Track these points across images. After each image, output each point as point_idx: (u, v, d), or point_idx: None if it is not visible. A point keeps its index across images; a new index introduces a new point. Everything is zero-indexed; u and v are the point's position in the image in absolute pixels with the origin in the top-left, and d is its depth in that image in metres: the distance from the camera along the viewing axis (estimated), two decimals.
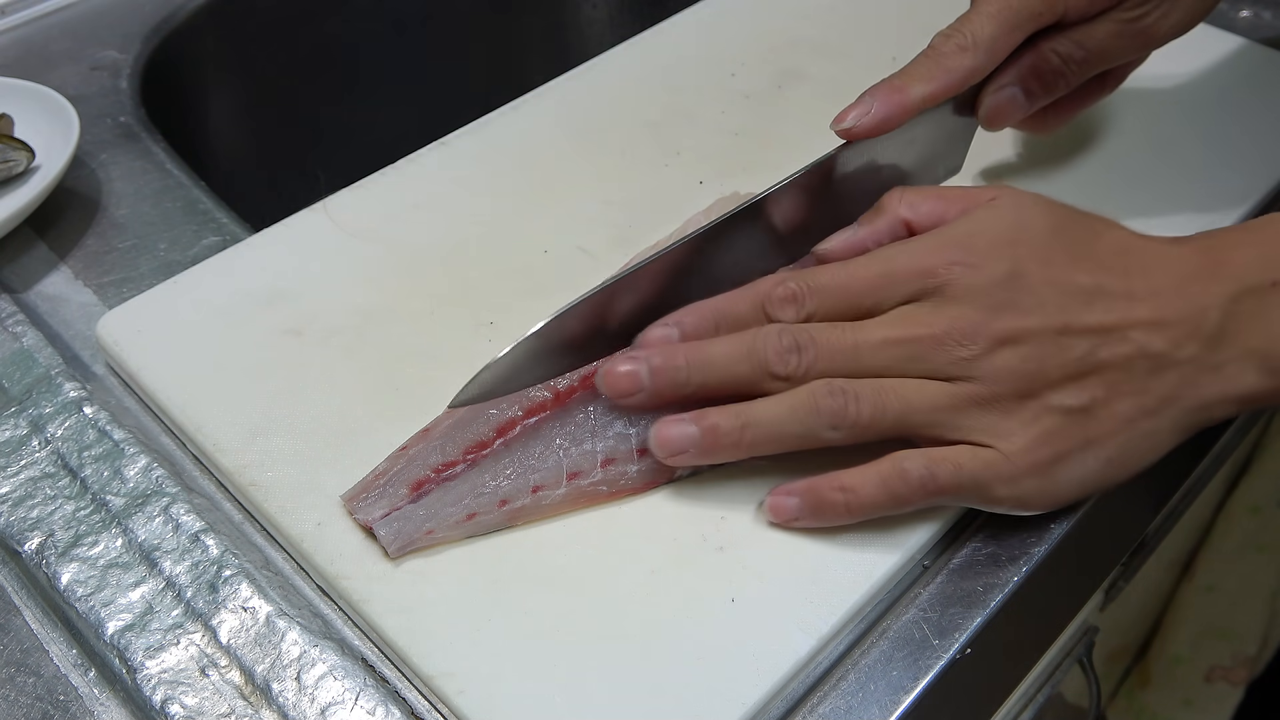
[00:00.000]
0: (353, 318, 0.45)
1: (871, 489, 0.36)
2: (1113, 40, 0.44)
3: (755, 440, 0.37)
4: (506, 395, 0.38)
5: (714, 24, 0.61)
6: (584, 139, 0.54)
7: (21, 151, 0.50)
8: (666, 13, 0.63)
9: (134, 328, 0.44)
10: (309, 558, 0.37)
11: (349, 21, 0.74)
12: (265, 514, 0.38)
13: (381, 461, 0.39)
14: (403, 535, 0.37)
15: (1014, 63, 0.43)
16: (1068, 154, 0.52)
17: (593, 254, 0.47)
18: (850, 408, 0.36)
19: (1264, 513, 0.79)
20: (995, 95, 0.44)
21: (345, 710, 0.34)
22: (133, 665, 0.35)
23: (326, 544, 0.37)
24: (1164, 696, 0.91)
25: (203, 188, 0.54)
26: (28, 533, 0.38)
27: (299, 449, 0.40)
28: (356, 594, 0.36)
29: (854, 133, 0.41)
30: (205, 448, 0.40)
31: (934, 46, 0.42)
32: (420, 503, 0.37)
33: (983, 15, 0.42)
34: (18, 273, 0.49)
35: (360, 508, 0.37)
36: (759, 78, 0.57)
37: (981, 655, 0.36)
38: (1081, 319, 0.36)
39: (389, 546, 0.36)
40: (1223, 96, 0.55)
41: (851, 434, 0.36)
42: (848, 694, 0.34)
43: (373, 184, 0.51)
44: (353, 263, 0.47)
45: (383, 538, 0.37)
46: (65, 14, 0.65)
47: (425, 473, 0.38)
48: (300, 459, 0.40)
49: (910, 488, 0.36)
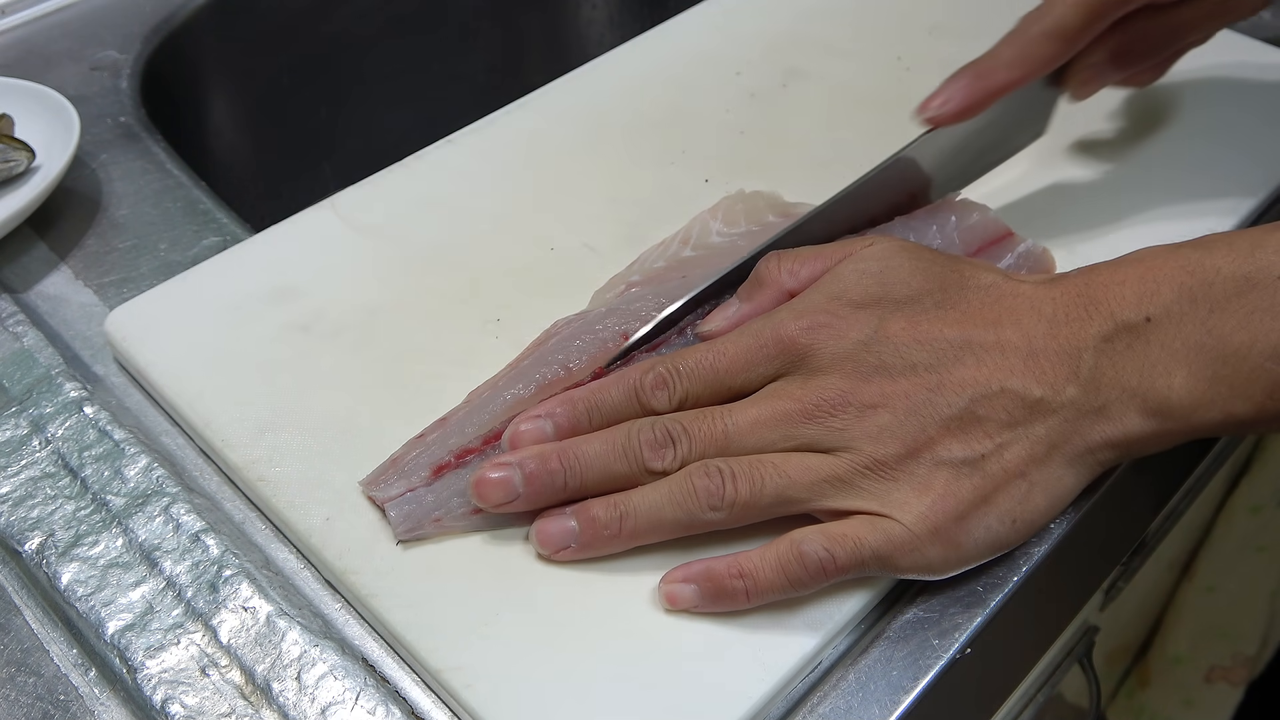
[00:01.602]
0: (360, 314, 0.45)
1: (770, 573, 0.34)
2: (1201, 20, 0.45)
3: (635, 530, 0.36)
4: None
5: (720, 23, 0.61)
6: (590, 137, 0.54)
7: (21, 151, 0.50)
8: (667, 13, 0.63)
9: (142, 323, 0.44)
10: (317, 552, 0.37)
11: (349, 21, 0.74)
12: (273, 509, 0.38)
13: (399, 448, 0.39)
14: (411, 519, 0.37)
15: (1103, 40, 0.43)
16: (1074, 152, 0.52)
17: (599, 251, 0.47)
18: (727, 487, 0.35)
19: (1264, 513, 0.79)
20: (1084, 71, 0.44)
21: (345, 710, 0.34)
22: (133, 665, 0.35)
23: (335, 538, 0.37)
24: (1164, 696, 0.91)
25: (203, 188, 0.54)
26: (28, 532, 0.38)
27: (307, 444, 0.40)
28: (365, 588, 0.36)
29: (939, 119, 0.42)
30: (214, 443, 0.40)
31: (1021, 30, 0.42)
32: (433, 486, 0.37)
33: (1069, 3, 0.42)
34: (18, 273, 0.49)
35: (379, 487, 0.38)
36: (764, 76, 0.57)
37: (981, 655, 0.36)
38: (953, 374, 0.35)
39: (397, 529, 0.37)
40: (1227, 94, 0.55)
41: (733, 514, 0.35)
42: (848, 693, 0.35)
43: (380, 181, 0.52)
44: (360, 259, 0.47)
45: (393, 519, 0.37)
46: (65, 14, 0.65)
47: (445, 456, 0.38)
48: (308, 454, 0.40)
49: (809, 571, 0.34)
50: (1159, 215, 0.48)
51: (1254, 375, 0.34)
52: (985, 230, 0.45)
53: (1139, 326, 0.35)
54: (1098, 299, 0.36)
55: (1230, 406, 0.35)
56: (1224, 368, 0.34)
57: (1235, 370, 0.34)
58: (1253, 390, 0.34)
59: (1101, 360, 0.35)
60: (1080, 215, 0.48)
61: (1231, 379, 0.34)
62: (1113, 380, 0.35)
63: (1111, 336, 0.35)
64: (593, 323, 0.41)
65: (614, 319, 0.41)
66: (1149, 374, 0.35)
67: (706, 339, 0.39)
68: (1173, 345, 0.35)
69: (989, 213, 0.46)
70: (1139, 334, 0.35)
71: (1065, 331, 0.36)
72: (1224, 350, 0.34)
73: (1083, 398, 0.35)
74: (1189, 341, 0.35)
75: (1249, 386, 0.34)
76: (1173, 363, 0.35)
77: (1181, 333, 0.35)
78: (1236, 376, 0.34)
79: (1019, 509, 0.35)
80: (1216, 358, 0.34)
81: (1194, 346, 0.35)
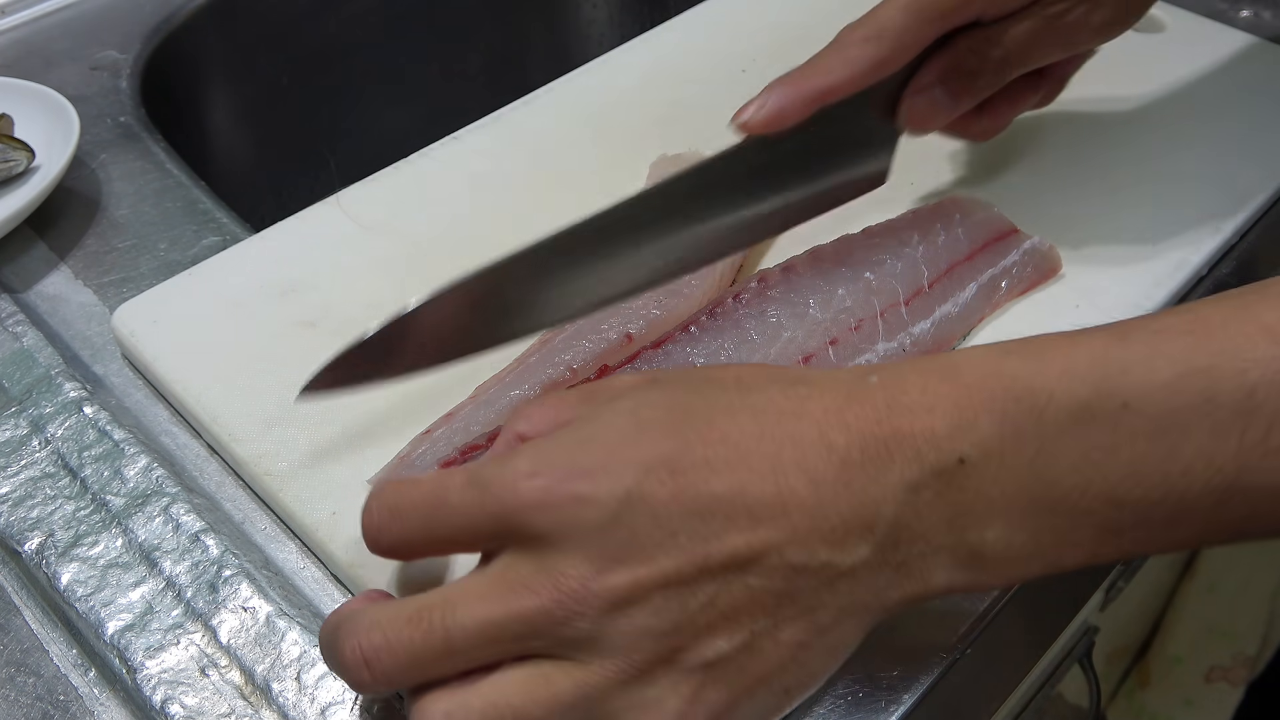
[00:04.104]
0: (366, 310, 0.45)
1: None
2: (1034, 38, 0.41)
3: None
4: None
5: (724, 20, 0.62)
6: (595, 134, 0.54)
7: (21, 151, 0.50)
8: (667, 13, 0.63)
9: (149, 319, 0.45)
10: (323, 546, 0.37)
11: (349, 21, 0.74)
12: (280, 503, 0.39)
13: (406, 446, 0.39)
14: None
15: (933, 62, 0.41)
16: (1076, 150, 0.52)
17: None
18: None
19: None
20: (915, 97, 0.41)
21: (345, 710, 0.34)
22: (133, 665, 0.35)
23: (341, 533, 0.37)
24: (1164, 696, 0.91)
25: (203, 188, 0.54)
26: (28, 533, 0.38)
27: (313, 439, 0.40)
28: (372, 583, 0.36)
29: (750, 126, 0.38)
30: (220, 438, 0.40)
31: (840, 37, 0.39)
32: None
33: (893, 6, 0.39)
34: (18, 273, 0.49)
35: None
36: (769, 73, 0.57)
37: (981, 655, 0.36)
38: (723, 545, 0.28)
39: None
40: (1228, 92, 0.55)
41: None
42: (848, 693, 0.34)
43: (385, 178, 0.52)
44: (366, 255, 0.48)
45: None
46: (65, 14, 0.65)
47: (452, 453, 0.38)
48: (314, 449, 0.40)
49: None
50: (1161, 213, 0.48)
51: (1085, 521, 0.29)
52: (990, 227, 0.45)
53: (950, 471, 0.29)
54: (902, 432, 0.29)
55: (1056, 557, 0.29)
56: (1050, 517, 0.29)
57: (1063, 519, 0.29)
58: (1081, 536, 0.29)
59: (904, 513, 0.29)
60: (1084, 212, 0.48)
61: (1058, 528, 0.29)
62: (916, 534, 0.29)
63: (917, 486, 0.29)
64: (598, 321, 0.41)
65: (618, 318, 0.41)
66: (959, 525, 0.29)
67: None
68: (989, 492, 0.29)
69: (994, 209, 0.46)
70: (950, 479, 0.29)
71: (861, 477, 0.29)
72: (1051, 496, 0.28)
73: (878, 557, 0.29)
74: (1009, 487, 0.29)
75: (1078, 533, 0.29)
76: (989, 512, 0.29)
77: (1001, 477, 0.29)
78: (1064, 525, 0.29)
79: (793, 680, 0.30)
80: (1042, 506, 0.29)
81: (1014, 492, 0.29)
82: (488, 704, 0.28)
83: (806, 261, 0.43)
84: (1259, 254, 0.49)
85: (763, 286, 0.41)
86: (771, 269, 0.42)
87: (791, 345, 0.40)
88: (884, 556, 0.29)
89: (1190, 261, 0.46)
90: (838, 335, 0.41)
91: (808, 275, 0.42)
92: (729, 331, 0.40)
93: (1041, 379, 0.29)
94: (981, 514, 0.29)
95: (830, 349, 0.41)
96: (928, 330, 0.42)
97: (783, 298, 0.41)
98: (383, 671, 0.28)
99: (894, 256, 0.43)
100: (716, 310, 0.41)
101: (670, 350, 0.40)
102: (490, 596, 0.28)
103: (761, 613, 0.29)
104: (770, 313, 0.41)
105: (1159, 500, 0.28)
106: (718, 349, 0.40)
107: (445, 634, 0.28)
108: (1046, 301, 0.45)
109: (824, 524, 0.28)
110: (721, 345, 0.40)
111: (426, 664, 0.28)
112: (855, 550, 0.29)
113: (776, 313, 0.41)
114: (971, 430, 0.29)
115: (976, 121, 0.44)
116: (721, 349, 0.40)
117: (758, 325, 0.40)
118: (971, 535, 0.29)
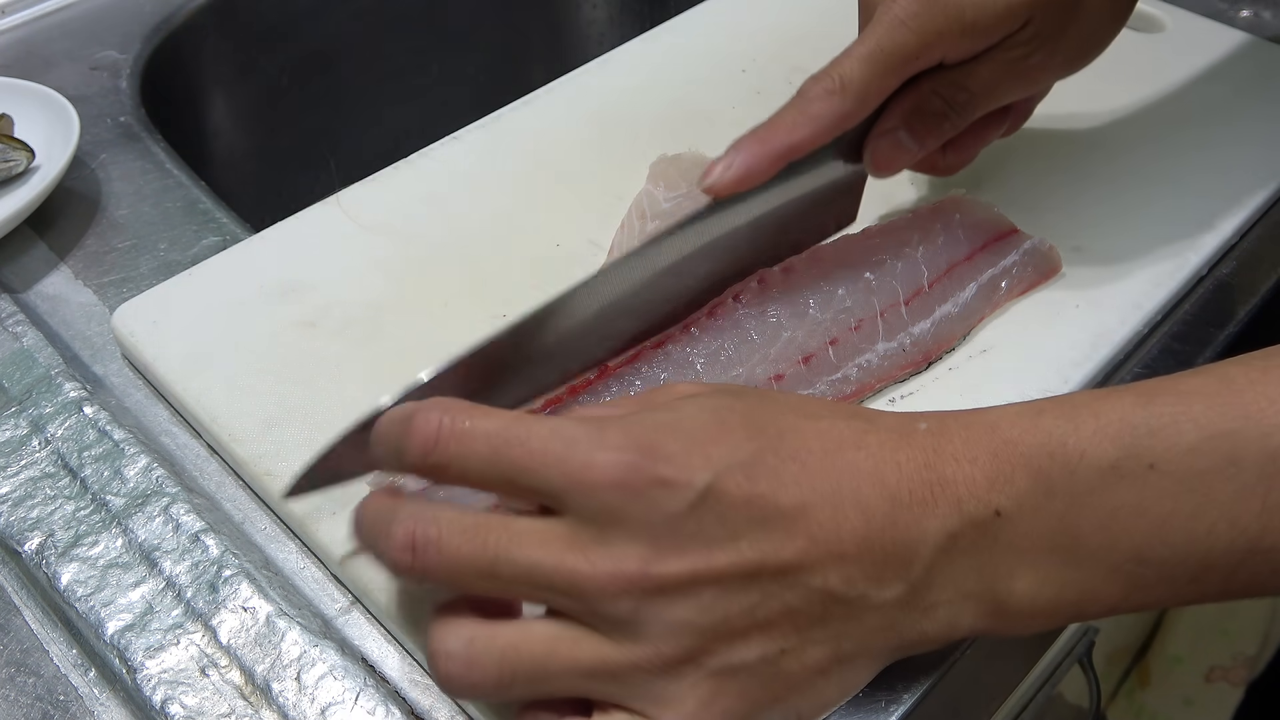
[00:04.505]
0: (367, 310, 0.45)
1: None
2: (997, 80, 0.41)
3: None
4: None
5: (725, 20, 0.62)
6: (596, 134, 0.54)
7: (21, 151, 0.50)
8: (667, 13, 0.63)
9: (149, 319, 0.45)
10: (324, 546, 0.37)
11: (349, 21, 0.74)
12: (280, 503, 0.39)
13: None
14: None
15: (896, 105, 0.40)
16: (1078, 149, 0.52)
17: (603, 247, 0.48)
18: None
19: None
20: (879, 140, 0.41)
21: (345, 710, 0.34)
22: (133, 665, 0.35)
23: (341, 531, 0.37)
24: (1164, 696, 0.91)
25: (203, 188, 0.54)
26: (28, 533, 0.38)
27: (313, 439, 0.40)
28: (372, 582, 0.36)
29: (717, 189, 0.38)
30: (220, 438, 0.40)
31: (802, 92, 0.39)
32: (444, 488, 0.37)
33: (854, 58, 0.39)
34: (18, 273, 0.49)
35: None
36: (770, 74, 0.57)
37: (981, 655, 0.36)
38: (779, 557, 0.29)
39: None
40: (1228, 93, 0.55)
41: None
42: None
43: (385, 178, 0.52)
44: (366, 255, 0.48)
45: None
46: (65, 14, 0.65)
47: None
48: (314, 449, 0.39)
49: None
50: (1164, 212, 0.48)
51: (1111, 577, 0.30)
52: (990, 227, 0.45)
53: (986, 522, 0.30)
54: (946, 479, 0.30)
55: (1080, 610, 0.31)
56: (1077, 571, 0.30)
57: (1090, 574, 0.30)
58: (1106, 590, 0.30)
59: (940, 559, 0.30)
60: (1083, 213, 0.48)
61: (1084, 583, 0.30)
62: (948, 581, 0.30)
63: (956, 534, 0.30)
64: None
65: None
66: (989, 575, 0.30)
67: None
68: (1020, 545, 0.30)
69: (994, 209, 0.46)
70: (985, 531, 0.30)
71: (906, 517, 0.30)
72: (1079, 552, 0.30)
73: (908, 597, 0.30)
74: (1039, 541, 0.30)
75: (1103, 587, 0.30)
76: (1018, 563, 0.30)
77: (1032, 530, 0.30)
78: (1090, 579, 0.30)
79: (806, 705, 0.31)
80: (1070, 560, 0.30)
81: (1045, 547, 0.30)
82: (509, 645, 0.29)
83: (806, 261, 0.43)
84: (1258, 254, 0.49)
85: (763, 286, 0.41)
86: (771, 269, 0.42)
87: (791, 345, 0.40)
88: (914, 598, 0.30)
89: (1190, 262, 0.47)
90: (838, 335, 0.41)
91: (808, 275, 0.42)
92: (729, 331, 0.40)
93: (1075, 438, 0.30)
94: (1011, 565, 0.30)
95: (830, 349, 0.41)
96: (928, 330, 0.42)
97: (783, 297, 0.41)
98: (423, 564, 0.29)
99: (894, 256, 0.43)
100: (717, 310, 0.41)
101: (670, 350, 0.40)
102: (549, 545, 0.29)
103: (793, 630, 0.29)
104: (770, 313, 0.41)
105: (1183, 558, 0.29)
106: (718, 349, 0.40)
107: (494, 558, 0.29)
108: (1046, 301, 0.45)
109: (868, 557, 0.29)
110: (721, 345, 0.40)
111: (465, 575, 0.29)
112: (891, 587, 0.30)
113: (776, 313, 0.41)
114: (1009, 484, 0.30)
115: (942, 158, 0.44)
116: (721, 349, 0.40)
117: (758, 325, 0.40)
118: (1000, 586, 0.30)
